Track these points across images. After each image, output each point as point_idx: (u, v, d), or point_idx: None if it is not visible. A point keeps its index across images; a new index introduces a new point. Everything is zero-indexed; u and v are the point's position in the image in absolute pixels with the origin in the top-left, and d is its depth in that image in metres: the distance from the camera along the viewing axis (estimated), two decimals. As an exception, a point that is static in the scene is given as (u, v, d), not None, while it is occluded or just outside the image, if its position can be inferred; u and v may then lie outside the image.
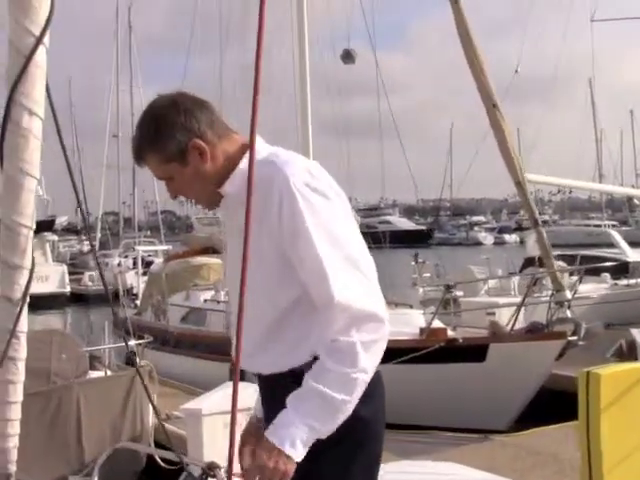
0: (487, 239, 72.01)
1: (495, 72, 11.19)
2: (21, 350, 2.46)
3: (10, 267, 2.37)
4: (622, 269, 16.60)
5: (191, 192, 2.18)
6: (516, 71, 18.52)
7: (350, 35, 17.36)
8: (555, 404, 8.93)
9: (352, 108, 35.71)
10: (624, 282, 16.39)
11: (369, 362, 2.00)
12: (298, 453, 1.98)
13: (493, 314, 12.30)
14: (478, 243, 68.43)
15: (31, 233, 2.37)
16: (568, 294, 10.06)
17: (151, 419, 7.91)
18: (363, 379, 2.00)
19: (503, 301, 13.09)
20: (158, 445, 6.76)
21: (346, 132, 20.14)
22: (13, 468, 2.63)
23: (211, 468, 2.71)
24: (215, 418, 5.67)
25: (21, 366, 2.48)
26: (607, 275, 16.10)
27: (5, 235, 2.34)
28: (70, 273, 33.32)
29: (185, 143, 2.07)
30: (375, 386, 2.11)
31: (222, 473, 2.69)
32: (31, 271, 2.41)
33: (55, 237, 35.75)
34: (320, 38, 14.93)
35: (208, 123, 2.10)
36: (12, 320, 2.41)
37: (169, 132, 2.07)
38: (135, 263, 28.06)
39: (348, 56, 14.49)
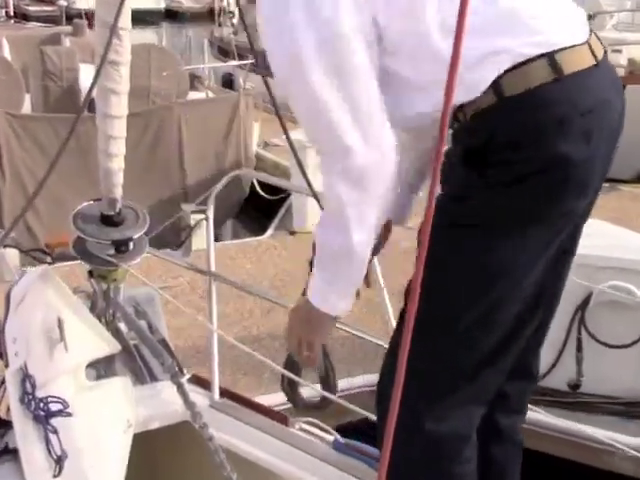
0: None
1: None
2: (124, 53, 1.99)
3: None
4: None
5: None
6: None
7: None
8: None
9: None
10: None
11: None
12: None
13: (620, 52, 11.27)
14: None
15: None
16: None
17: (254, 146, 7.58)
18: None
19: (633, 37, 11.91)
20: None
21: None
22: (119, 192, 2.25)
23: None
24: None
25: (125, 73, 2.02)
26: None
27: None
28: (163, -10, 32.32)
29: None
30: None
31: None
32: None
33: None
34: None
35: None
36: (112, 14, 1.91)
37: None
38: (230, -18, 26.83)
39: None
